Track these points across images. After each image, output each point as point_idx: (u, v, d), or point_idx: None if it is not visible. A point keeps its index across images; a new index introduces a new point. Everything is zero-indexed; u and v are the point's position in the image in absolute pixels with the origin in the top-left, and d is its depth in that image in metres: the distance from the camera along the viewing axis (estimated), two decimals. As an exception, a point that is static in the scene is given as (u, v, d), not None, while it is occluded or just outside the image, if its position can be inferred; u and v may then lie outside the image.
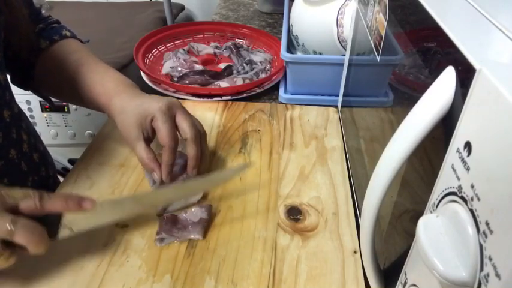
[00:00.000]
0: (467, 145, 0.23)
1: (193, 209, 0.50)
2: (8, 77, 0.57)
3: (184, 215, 0.50)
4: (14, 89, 0.58)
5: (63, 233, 0.42)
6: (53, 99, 0.70)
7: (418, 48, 0.34)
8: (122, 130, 0.54)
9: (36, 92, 0.66)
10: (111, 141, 0.64)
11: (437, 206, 0.26)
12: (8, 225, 0.36)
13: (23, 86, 0.65)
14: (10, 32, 0.55)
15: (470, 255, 0.22)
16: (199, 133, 0.55)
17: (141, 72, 0.81)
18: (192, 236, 0.48)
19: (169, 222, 0.49)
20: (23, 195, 0.39)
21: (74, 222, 0.42)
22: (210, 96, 0.76)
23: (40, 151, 0.62)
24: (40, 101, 1.23)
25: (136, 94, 0.56)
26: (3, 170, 0.51)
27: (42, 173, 0.61)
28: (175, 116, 0.54)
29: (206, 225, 0.49)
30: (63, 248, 0.47)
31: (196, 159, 0.53)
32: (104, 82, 0.58)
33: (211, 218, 0.51)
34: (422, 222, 0.26)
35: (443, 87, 0.26)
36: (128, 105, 0.54)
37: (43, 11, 0.66)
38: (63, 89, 0.63)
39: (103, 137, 0.65)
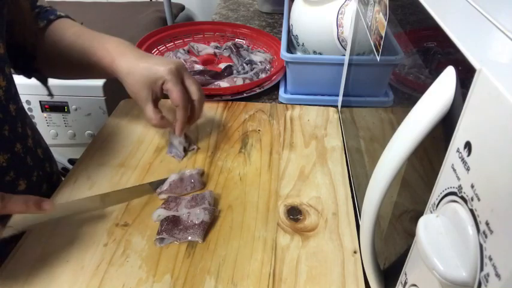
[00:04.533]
0: (467, 145, 0.23)
1: (197, 210, 0.50)
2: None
3: (186, 216, 0.50)
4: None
5: (6, 232, 0.43)
6: (56, 92, 0.71)
7: (418, 48, 0.34)
8: (131, 91, 0.58)
9: (39, 76, 0.67)
10: (111, 141, 0.64)
11: (437, 206, 0.26)
12: None
13: (26, 73, 0.65)
14: (14, 22, 0.56)
15: (470, 255, 0.22)
16: (203, 97, 0.61)
17: (141, 72, 0.81)
18: (193, 239, 0.48)
19: (171, 223, 0.49)
20: None
21: (19, 222, 0.44)
22: (210, 96, 0.76)
23: (43, 147, 0.63)
24: (40, 101, 1.23)
25: (142, 55, 0.59)
26: (10, 163, 0.52)
27: (46, 169, 0.62)
28: (183, 78, 0.58)
29: (207, 228, 0.49)
30: (63, 248, 0.47)
31: (196, 118, 0.61)
32: (105, 46, 0.60)
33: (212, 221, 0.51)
34: (422, 222, 0.26)
35: (443, 87, 0.26)
36: (136, 67, 0.56)
37: None
38: (65, 64, 0.65)
39: (103, 137, 0.65)
